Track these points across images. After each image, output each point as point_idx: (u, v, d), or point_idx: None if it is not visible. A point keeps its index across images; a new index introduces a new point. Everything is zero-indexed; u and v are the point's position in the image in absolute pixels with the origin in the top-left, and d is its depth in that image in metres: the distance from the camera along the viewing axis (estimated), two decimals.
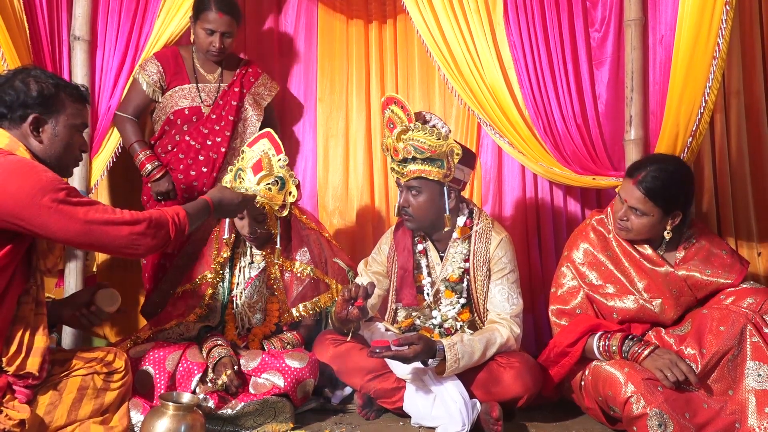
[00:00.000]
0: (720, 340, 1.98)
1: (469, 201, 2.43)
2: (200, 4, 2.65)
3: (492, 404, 2.11)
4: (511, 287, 2.30)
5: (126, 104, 2.71)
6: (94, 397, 1.76)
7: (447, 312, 2.33)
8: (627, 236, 2.21)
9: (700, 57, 2.33)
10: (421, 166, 2.22)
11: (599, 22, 2.68)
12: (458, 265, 2.32)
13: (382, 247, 2.47)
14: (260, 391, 2.14)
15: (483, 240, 2.32)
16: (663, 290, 2.17)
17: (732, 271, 2.16)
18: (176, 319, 2.37)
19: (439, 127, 2.23)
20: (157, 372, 2.12)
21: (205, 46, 2.69)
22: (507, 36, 2.67)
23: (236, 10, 2.70)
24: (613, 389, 1.99)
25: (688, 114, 2.41)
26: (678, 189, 2.14)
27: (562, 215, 2.86)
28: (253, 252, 2.46)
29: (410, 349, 2.01)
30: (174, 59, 2.73)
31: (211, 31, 2.65)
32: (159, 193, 2.67)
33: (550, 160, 2.68)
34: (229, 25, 2.67)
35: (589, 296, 2.23)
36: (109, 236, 1.67)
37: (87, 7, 2.65)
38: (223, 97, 2.74)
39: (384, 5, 3.04)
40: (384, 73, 3.08)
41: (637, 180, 2.12)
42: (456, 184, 2.29)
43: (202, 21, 2.65)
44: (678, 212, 2.16)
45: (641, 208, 2.13)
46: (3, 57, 2.42)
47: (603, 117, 2.68)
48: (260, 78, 2.84)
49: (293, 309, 2.38)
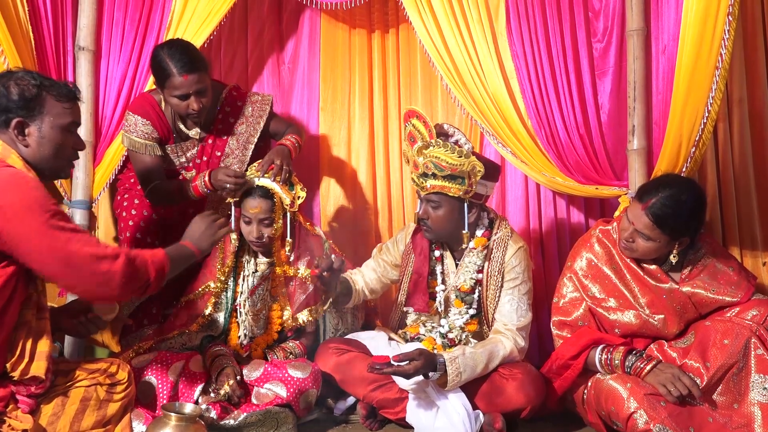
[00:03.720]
0: (724, 354, 1.97)
1: (490, 210, 2.38)
2: (161, 73, 2.39)
3: (495, 415, 2.10)
4: (521, 298, 2.26)
5: (144, 180, 2.55)
6: (96, 409, 1.76)
7: (455, 321, 2.31)
8: (631, 256, 2.19)
9: (703, 67, 2.33)
10: (442, 182, 2.17)
11: (601, 32, 2.68)
12: (471, 275, 2.29)
13: (398, 244, 2.45)
14: (263, 401, 2.14)
15: (500, 249, 2.28)
16: (666, 307, 2.15)
17: (739, 288, 2.13)
18: (179, 328, 2.37)
19: (461, 143, 2.18)
20: (159, 382, 2.12)
21: (183, 111, 2.45)
22: (509, 46, 2.67)
23: (200, 62, 2.41)
24: (616, 405, 1.98)
25: (691, 124, 2.41)
26: (688, 219, 2.08)
27: (565, 225, 2.85)
28: (258, 261, 2.46)
29: (410, 365, 2.01)
30: (155, 113, 2.54)
31: (183, 96, 2.39)
32: (222, 188, 2.35)
33: (552, 170, 2.68)
34: (198, 81, 2.38)
35: (591, 308, 2.21)
36: (86, 269, 1.56)
37: (92, 18, 2.67)
38: (206, 152, 2.61)
39: (386, 15, 3.05)
40: (386, 82, 3.08)
41: (646, 206, 2.06)
42: (477, 199, 2.24)
43: (169, 89, 2.39)
44: (686, 239, 2.13)
45: (648, 234, 2.09)
46: (8, 66, 2.43)
47: (605, 127, 2.68)
48: (244, 108, 2.63)
49: (299, 315, 2.37)
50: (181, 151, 2.63)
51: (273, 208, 2.31)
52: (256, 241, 2.35)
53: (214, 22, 2.68)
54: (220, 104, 2.62)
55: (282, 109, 3.09)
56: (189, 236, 1.95)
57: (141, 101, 2.58)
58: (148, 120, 2.53)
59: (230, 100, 2.64)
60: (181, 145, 2.63)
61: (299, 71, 3.09)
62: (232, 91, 2.66)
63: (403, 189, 3.04)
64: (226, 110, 2.63)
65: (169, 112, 2.58)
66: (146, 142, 2.53)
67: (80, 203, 2.64)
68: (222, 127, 2.62)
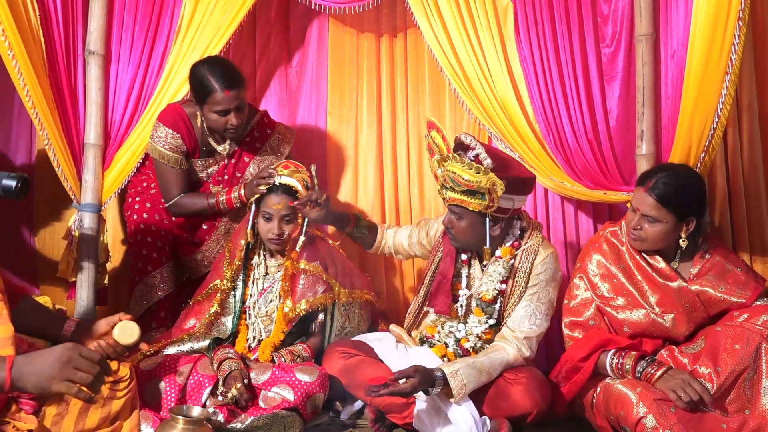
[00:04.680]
0: (735, 359, 1.96)
1: (525, 218, 2.30)
2: (202, 88, 2.46)
3: (501, 421, 2.09)
4: (537, 306, 2.20)
5: (167, 191, 2.60)
6: (100, 407, 1.75)
7: (473, 328, 2.27)
8: (641, 246, 2.18)
9: (713, 72, 2.32)
10: (461, 196, 2.12)
11: (610, 37, 2.68)
12: (494, 286, 2.23)
13: (431, 233, 2.43)
14: (270, 404, 2.13)
15: (528, 259, 2.21)
16: (675, 305, 2.15)
17: (746, 289, 2.14)
18: (187, 330, 2.37)
19: (481, 158, 2.08)
20: (167, 385, 2.12)
21: (221, 127, 2.51)
22: (518, 51, 2.68)
23: (240, 78, 2.51)
24: (625, 409, 1.97)
25: (701, 129, 2.40)
26: (690, 193, 2.13)
27: (573, 230, 2.84)
28: (268, 263, 2.46)
29: (408, 383, 1.99)
30: (186, 127, 2.58)
31: (224, 111, 2.47)
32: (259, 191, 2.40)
33: (560, 175, 2.67)
34: (238, 97, 2.46)
35: (599, 308, 2.21)
36: None
37: (102, 22, 2.68)
38: (228, 171, 2.67)
39: (394, 19, 3.06)
40: (394, 87, 3.08)
41: (648, 187, 2.12)
42: (502, 213, 2.16)
43: (210, 105, 2.46)
44: (692, 218, 2.13)
45: (654, 215, 2.11)
46: (19, 71, 2.45)
47: (614, 132, 2.68)
48: (271, 137, 2.72)
49: (298, 304, 2.35)
50: (203, 166, 2.69)
51: (294, 207, 2.36)
52: (275, 239, 2.36)
53: (228, 32, 2.69)
54: (250, 127, 2.69)
55: (289, 114, 3.10)
56: (23, 363, 1.37)
57: (172, 114, 2.60)
58: (179, 133, 2.57)
59: (261, 126, 2.72)
60: (205, 161, 2.68)
61: (307, 75, 3.10)
62: (264, 117, 2.75)
63: (411, 194, 3.04)
64: (255, 135, 2.71)
65: (198, 126, 2.63)
66: (174, 155, 2.58)
67: (89, 206, 2.65)
68: (247, 149, 2.69)
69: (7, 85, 2.65)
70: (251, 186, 2.43)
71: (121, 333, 1.82)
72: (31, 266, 3.01)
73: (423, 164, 3.03)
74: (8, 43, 2.43)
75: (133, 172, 2.72)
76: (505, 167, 2.15)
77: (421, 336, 2.37)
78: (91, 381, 1.37)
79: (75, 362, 1.37)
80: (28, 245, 3.02)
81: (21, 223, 3.01)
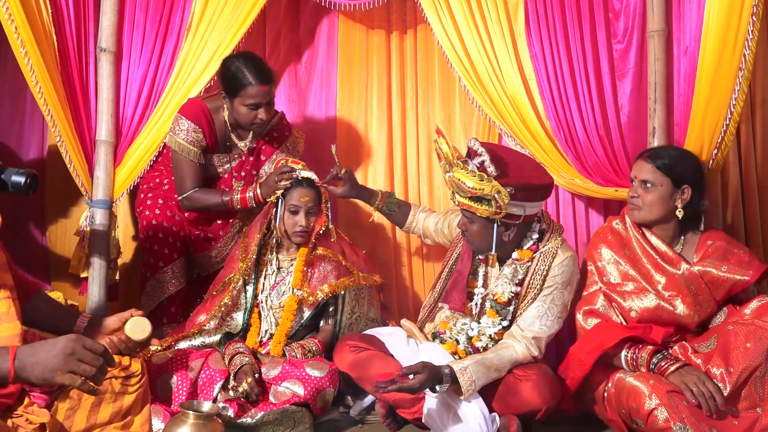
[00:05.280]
0: (747, 357, 1.96)
1: (546, 221, 2.27)
2: (235, 81, 2.49)
3: (510, 418, 2.08)
4: (551, 308, 2.19)
5: (182, 185, 2.61)
6: (112, 401, 1.77)
7: (486, 329, 2.25)
8: (639, 216, 2.25)
9: (726, 68, 2.31)
10: (468, 202, 2.12)
11: (622, 33, 2.66)
12: (510, 288, 2.22)
13: (452, 226, 2.46)
14: (280, 399, 2.14)
15: (545, 262, 2.20)
16: (681, 288, 2.17)
17: (749, 267, 2.16)
18: (198, 325, 2.39)
19: (486, 165, 2.05)
20: (179, 379, 2.14)
21: (249, 121, 2.55)
22: (528, 47, 2.67)
23: (273, 74, 2.57)
24: (637, 401, 1.98)
25: (713, 126, 2.38)
26: (686, 162, 2.25)
27: (584, 227, 2.82)
28: (280, 258, 2.49)
29: (415, 380, 1.98)
30: (207, 122, 2.61)
31: (255, 105, 2.51)
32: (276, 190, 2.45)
33: (571, 172, 2.66)
34: (270, 92, 2.53)
35: (607, 295, 2.24)
36: None
37: (113, 20, 2.70)
38: (246, 168, 2.70)
39: (404, 16, 3.05)
40: (404, 84, 3.08)
41: (645, 156, 2.27)
42: (513, 219, 2.14)
43: (242, 97, 2.50)
44: (687, 186, 2.20)
45: (650, 179, 2.21)
46: (32, 68, 2.47)
47: (625, 128, 2.66)
48: (288, 139, 2.77)
49: (321, 288, 2.39)
50: (221, 161, 2.71)
51: (318, 199, 2.43)
52: (300, 231, 2.42)
53: (241, 31, 2.70)
54: (270, 127, 2.72)
55: (299, 110, 3.11)
56: (27, 354, 1.38)
57: (194, 108, 2.62)
58: (200, 127, 2.59)
59: (280, 127, 2.77)
60: (223, 156, 2.70)
61: (316, 72, 3.11)
62: (283, 119, 2.80)
63: (420, 191, 3.04)
64: (274, 135, 2.75)
65: (220, 121, 2.65)
66: (193, 148, 2.60)
67: (101, 203, 2.67)
68: (265, 148, 2.73)
69: (19, 82, 2.68)
70: (269, 184, 2.46)
71: (132, 329, 1.83)
72: (42, 262, 3.03)
73: (432, 161, 3.02)
74: (21, 40, 2.45)
75: (146, 169, 2.73)
76: (514, 174, 2.10)
77: (434, 331, 2.37)
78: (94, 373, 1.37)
79: (79, 354, 1.37)
80: (39, 241, 3.05)
81: (32, 218, 3.04)
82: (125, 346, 1.84)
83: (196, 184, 2.62)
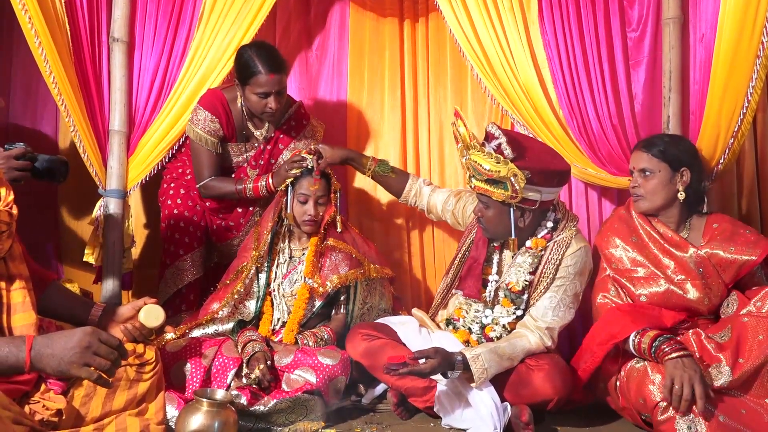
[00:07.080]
0: (760, 349, 1.95)
1: (561, 209, 2.28)
2: (246, 69, 2.52)
3: (522, 408, 2.08)
4: (563, 298, 2.19)
5: (200, 173, 2.66)
6: (127, 389, 1.78)
7: (500, 318, 2.25)
8: (643, 205, 2.27)
9: (743, 56, 2.28)
10: (485, 185, 2.13)
11: (636, 21, 2.64)
12: (524, 276, 2.22)
13: (467, 212, 2.44)
14: (293, 386, 2.16)
15: (559, 252, 2.19)
16: (689, 271, 2.18)
17: (756, 247, 2.15)
18: (211, 313, 2.41)
19: (503, 148, 2.05)
20: (193, 367, 2.16)
21: (260, 109, 2.56)
22: (541, 35, 2.64)
23: (284, 63, 2.57)
24: (644, 396, 1.99)
25: (730, 114, 2.36)
26: (680, 146, 2.28)
27: (596, 217, 2.81)
28: (292, 248, 2.51)
29: (427, 364, 1.99)
30: (224, 112, 2.63)
31: (264, 94, 2.52)
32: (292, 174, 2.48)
33: (584, 161, 2.64)
34: (280, 82, 2.53)
35: (616, 281, 2.25)
36: None
37: (126, 10, 2.70)
38: (264, 157, 2.72)
39: (416, 3, 3.03)
40: (416, 72, 3.06)
41: (640, 146, 2.31)
42: (530, 204, 2.15)
43: (252, 86, 2.52)
44: (685, 168, 2.22)
45: (648, 167, 2.24)
46: (45, 58, 2.48)
47: (639, 117, 2.65)
48: (306, 128, 2.77)
49: (330, 278, 2.40)
50: (239, 151, 2.73)
51: (328, 188, 2.45)
52: (310, 220, 2.44)
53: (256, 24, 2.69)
54: (288, 116, 2.74)
55: (309, 98, 3.10)
56: (43, 345, 1.38)
57: (212, 98, 2.64)
58: (217, 117, 2.62)
59: (298, 116, 2.78)
60: (242, 145, 2.73)
61: (327, 59, 3.10)
62: (301, 108, 2.81)
63: (431, 179, 3.03)
64: (291, 123, 2.76)
65: (237, 111, 2.67)
66: (210, 138, 2.63)
67: (114, 192, 2.69)
68: (283, 136, 2.75)
69: (33, 72, 2.69)
70: (281, 173, 2.50)
71: (146, 316, 1.85)
72: (56, 251, 3.06)
73: (444, 149, 3.02)
74: (35, 30, 2.46)
75: (162, 159, 2.74)
76: (531, 158, 2.11)
77: (448, 317, 2.37)
78: (136, 335, 1.47)
79: (95, 347, 1.37)
80: (53, 230, 3.08)
81: (46, 208, 3.06)
82: (139, 333, 1.86)
83: (213, 172, 2.66)
